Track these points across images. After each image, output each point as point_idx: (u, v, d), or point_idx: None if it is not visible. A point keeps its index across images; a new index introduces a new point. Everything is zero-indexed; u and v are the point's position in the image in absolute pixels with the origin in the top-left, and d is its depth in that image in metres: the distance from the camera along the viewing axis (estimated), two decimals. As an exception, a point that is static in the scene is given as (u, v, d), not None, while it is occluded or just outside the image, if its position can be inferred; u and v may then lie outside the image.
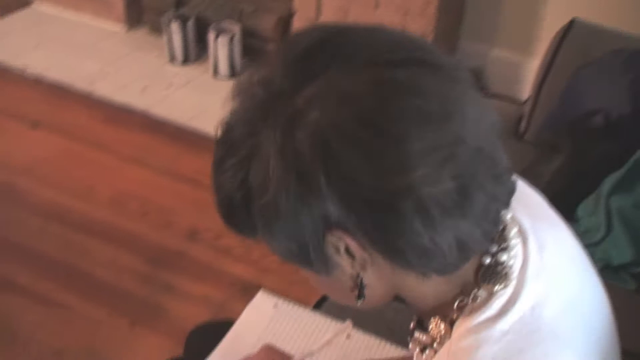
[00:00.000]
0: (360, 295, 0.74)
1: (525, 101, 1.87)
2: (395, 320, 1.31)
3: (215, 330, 1.26)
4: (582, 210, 1.49)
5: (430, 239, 0.66)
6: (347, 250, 0.68)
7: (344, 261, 0.69)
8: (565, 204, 1.47)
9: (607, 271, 1.40)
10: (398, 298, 0.79)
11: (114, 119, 2.98)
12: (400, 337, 1.16)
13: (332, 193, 0.63)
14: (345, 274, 0.71)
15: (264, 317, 1.26)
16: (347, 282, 0.73)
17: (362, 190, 0.63)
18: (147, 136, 2.88)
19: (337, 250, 0.69)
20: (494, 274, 0.73)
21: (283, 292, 1.31)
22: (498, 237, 0.75)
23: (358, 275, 0.71)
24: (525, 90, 2.83)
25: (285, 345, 1.18)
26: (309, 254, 0.69)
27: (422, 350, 0.78)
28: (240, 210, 0.69)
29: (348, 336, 1.24)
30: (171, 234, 2.42)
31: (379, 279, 0.72)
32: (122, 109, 3.03)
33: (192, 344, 1.34)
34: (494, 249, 0.74)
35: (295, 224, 0.66)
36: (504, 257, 0.74)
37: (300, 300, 1.32)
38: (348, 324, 1.07)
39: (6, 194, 2.61)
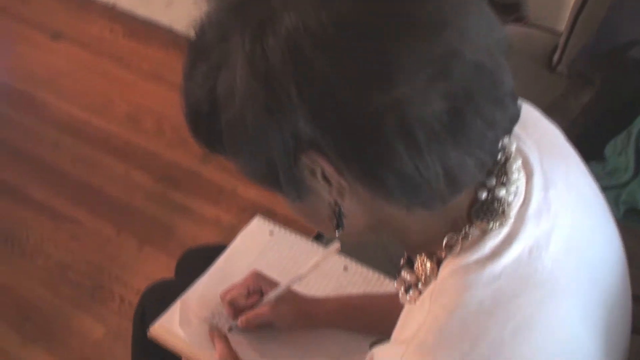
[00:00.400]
0: (339, 225, 0.67)
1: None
2: (400, 255, 1.26)
3: (207, 254, 1.22)
4: (610, 148, 1.40)
5: (415, 168, 0.58)
6: (324, 176, 0.61)
7: (320, 187, 0.63)
8: (594, 141, 1.39)
9: (631, 214, 1.31)
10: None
11: (136, 33, 2.90)
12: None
13: (304, 108, 0.57)
14: (322, 200, 0.65)
15: (258, 243, 1.21)
16: (324, 210, 0.66)
17: (337, 106, 0.56)
18: (169, 52, 2.80)
19: (313, 174, 0.62)
20: (489, 211, 0.65)
21: (293, 220, 1.25)
22: (498, 169, 0.66)
23: (335, 203, 0.65)
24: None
25: (277, 274, 1.13)
26: (278, 177, 0.62)
27: (407, 290, 0.71)
28: (207, 123, 0.63)
29: (345, 268, 1.18)
30: (186, 153, 2.37)
31: (358, 208, 0.66)
32: (145, 23, 2.94)
33: (184, 266, 1.30)
34: (492, 182, 0.66)
35: (263, 142, 0.59)
36: (502, 193, 0.66)
37: (308, 232, 1.26)
38: (336, 246, 1.00)
39: (25, 105, 2.58)
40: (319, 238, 1.32)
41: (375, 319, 1.05)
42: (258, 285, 1.07)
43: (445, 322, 0.61)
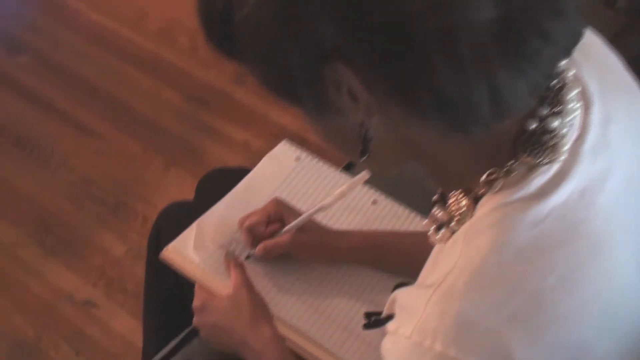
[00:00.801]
0: (365, 151, 0.60)
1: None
2: (434, 192, 1.19)
3: (230, 177, 1.15)
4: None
5: (455, 85, 0.50)
6: (350, 91, 0.54)
7: (345, 105, 0.56)
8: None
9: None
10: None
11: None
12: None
13: (327, 7, 0.50)
14: (347, 121, 0.58)
15: (283, 169, 1.14)
16: (348, 132, 0.59)
17: (368, 7, 0.49)
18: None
19: (337, 88, 0.54)
20: (538, 144, 0.57)
21: (324, 151, 1.18)
22: (552, 97, 0.58)
23: (362, 125, 0.58)
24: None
25: (300, 202, 1.07)
26: (297, 90, 0.55)
27: (438, 229, 0.64)
28: (220, 21, 0.55)
29: (374, 202, 1.12)
30: (218, 73, 2.29)
31: (387, 132, 0.59)
32: None
33: (204, 187, 1.25)
34: (544, 111, 0.57)
35: (280, 49, 0.53)
36: (555, 124, 0.57)
37: (338, 163, 1.19)
38: (364, 174, 0.93)
39: (56, 13, 2.50)
40: (348, 169, 1.25)
41: (402, 258, 0.98)
42: (279, 213, 1.01)
43: (479, 266, 0.55)
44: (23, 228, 1.91)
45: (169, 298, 1.16)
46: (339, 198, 0.97)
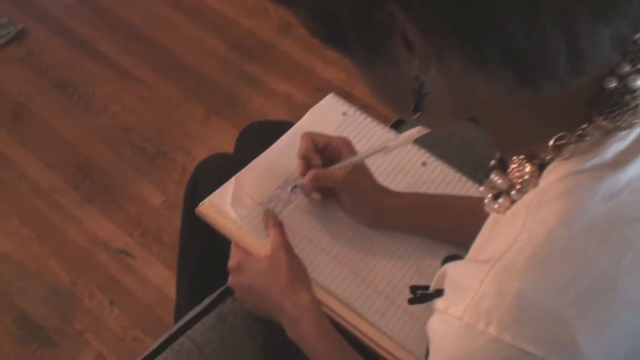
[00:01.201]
0: (419, 106, 0.54)
1: None
2: (487, 156, 1.13)
3: (272, 130, 1.10)
4: None
5: (528, 33, 0.44)
6: (405, 38, 0.48)
7: (398, 54, 0.50)
8: None
9: None
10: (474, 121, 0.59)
11: None
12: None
13: None
14: (400, 73, 0.52)
15: (329, 123, 1.08)
16: (401, 86, 0.54)
17: None
18: None
19: (391, 35, 0.48)
20: (616, 106, 0.50)
21: (371, 108, 1.12)
22: (635, 53, 0.51)
23: (417, 78, 0.52)
24: None
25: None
26: (345, 34, 0.49)
27: (496, 198, 0.58)
28: None
29: (424, 163, 1.06)
30: (264, 22, 2.23)
31: (445, 87, 0.53)
32: None
33: (245, 140, 1.20)
34: (626, 68, 0.51)
35: None
36: (638, 83, 0.50)
37: (386, 121, 1.13)
38: (419, 129, 0.87)
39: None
40: (397, 126, 1.19)
41: (452, 225, 0.93)
42: (339, 148, 0.95)
43: (544, 241, 0.49)
44: (61, 173, 1.89)
45: (204, 254, 1.12)
46: (406, 143, 0.91)
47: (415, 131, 0.89)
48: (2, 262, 1.70)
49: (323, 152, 0.96)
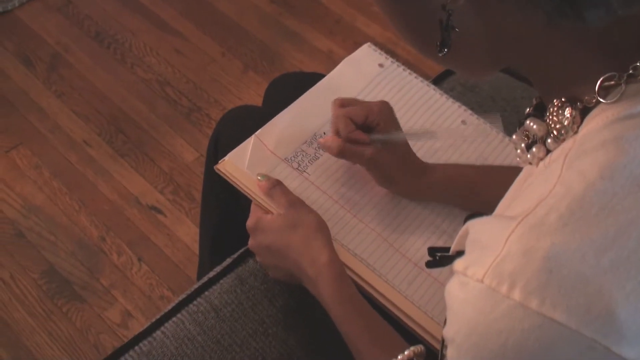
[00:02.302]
0: (445, 42, 0.49)
1: None
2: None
3: (302, 82, 1.04)
4: None
5: None
6: None
7: None
8: None
9: None
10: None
11: None
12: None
13: None
14: (427, 3, 0.48)
15: (364, 75, 1.02)
16: (427, 17, 0.49)
17: None
18: None
19: None
20: None
21: (413, 66, 1.05)
22: None
23: (444, 7, 0.47)
24: None
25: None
26: None
27: (529, 147, 0.51)
28: None
29: (463, 122, 0.98)
30: (306, -25, 2.16)
31: (476, 17, 0.48)
32: None
33: (273, 92, 1.14)
34: None
35: None
36: None
37: (426, 76, 1.06)
38: (476, 130, 0.80)
39: None
40: (439, 82, 1.11)
41: (488, 199, 0.85)
42: (379, 120, 0.87)
43: (581, 195, 0.43)
44: (95, 126, 1.86)
45: (226, 213, 1.07)
46: (456, 137, 0.85)
47: (472, 130, 0.83)
48: (32, 215, 1.68)
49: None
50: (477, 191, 0.88)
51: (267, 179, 0.87)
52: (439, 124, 0.98)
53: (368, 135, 0.86)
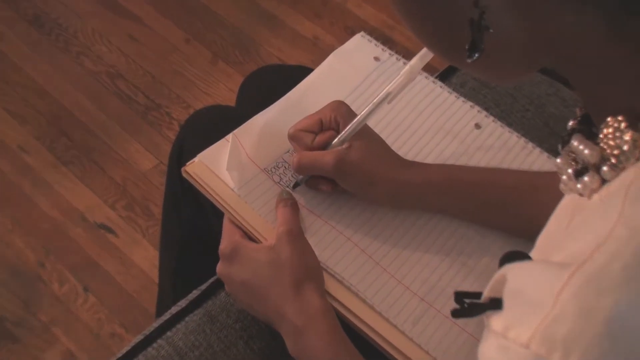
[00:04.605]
0: (477, 46, 0.48)
1: None
2: (562, 118, 1.10)
3: (283, 77, 1.06)
4: None
5: None
6: None
7: None
8: None
9: None
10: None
11: None
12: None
13: None
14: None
15: (357, 71, 1.02)
16: (454, 14, 0.49)
17: None
18: None
19: None
20: None
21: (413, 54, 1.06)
22: None
23: (477, 5, 0.47)
24: None
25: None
26: None
27: (579, 174, 0.50)
28: None
29: (477, 125, 0.99)
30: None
31: (516, 16, 0.48)
32: None
33: (249, 89, 1.14)
34: None
35: None
36: None
37: (432, 70, 1.05)
38: (423, 55, 0.81)
39: None
40: (446, 77, 1.11)
41: (492, 204, 0.88)
42: (336, 120, 0.88)
43: None
44: (32, 128, 1.86)
45: (192, 233, 1.07)
46: (410, 79, 0.84)
47: (418, 59, 0.82)
48: (-45, 235, 1.67)
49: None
50: (478, 195, 0.89)
51: (287, 200, 0.88)
52: (448, 129, 0.98)
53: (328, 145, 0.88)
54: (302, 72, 1.04)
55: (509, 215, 0.88)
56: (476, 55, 0.49)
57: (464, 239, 0.90)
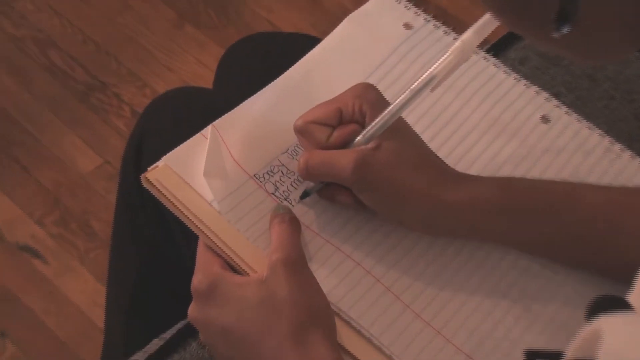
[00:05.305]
0: (567, 15, 0.51)
1: None
2: None
3: (278, 50, 1.09)
4: None
5: None
6: None
7: None
8: None
9: None
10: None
11: None
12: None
13: None
14: None
15: (380, 43, 1.03)
16: None
17: None
18: None
19: None
20: None
21: (459, 22, 1.08)
22: None
23: None
24: None
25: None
26: None
27: None
28: None
29: (544, 119, 1.01)
30: None
31: None
32: None
33: (230, 67, 1.17)
34: None
35: None
36: None
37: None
38: (479, 29, 0.82)
39: None
40: (501, 50, 1.12)
41: (569, 233, 0.88)
42: (362, 109, 0.89)
43: None
44: None
45: (153, 261, 1.09)
46: (462, 60, 0.84)
47: (474, 33, 0.83)
48: None
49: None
50: (551, 219, 0.89)
51: (284, 216, 0.88)
52: (504, 123, 1.00)
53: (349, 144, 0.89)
54: (303, 42, 1.06)
55: (590, 246, 0.88)
56: (566, 28, 0.51)
57: (526, 275, 0.91)
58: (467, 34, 0.83)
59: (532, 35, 0.56)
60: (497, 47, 1.14)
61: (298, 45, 1.04)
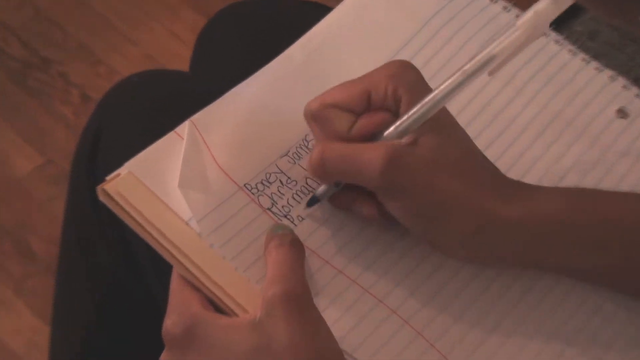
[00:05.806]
0: None
1: None
2: None
3: (272, 18, 1.12)
4: None
5: None
6: None
7: None
8: None
9: None
10: None
11: None
12: None
13: None
14: None
15: (407, 13, 1.04)
16: None
17: None
18: None
19: None
20: None
21: None
22: None
23: None
24: None
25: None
26: None
27: None
28: None
29: (621, 112, 1.02)
30: None
31: None
32: None
33: (215, 42, 1.18)
34: None
35: None
36: None
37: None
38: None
39: None
40: (563, 25, 1.12)
41: None
42: (396, 92, 0.87)
43: None
44: None
45: (113, 292, 1.09)
46: (533, 35, 0.85)
47: (552, 2, 0.84)
48: None
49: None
50: (628, 244, 0.90)
51: (285, 234, 0.88)
52: (570, 117, 1.00)
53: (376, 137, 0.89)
54: (309, 10, 1.09)
55: None
56: None
57: (598, 315, 0.91)
58: (543, 3, 0.83)
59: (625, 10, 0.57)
60: (558, 18, 1.14)
61: (303, 16, 1.04)
